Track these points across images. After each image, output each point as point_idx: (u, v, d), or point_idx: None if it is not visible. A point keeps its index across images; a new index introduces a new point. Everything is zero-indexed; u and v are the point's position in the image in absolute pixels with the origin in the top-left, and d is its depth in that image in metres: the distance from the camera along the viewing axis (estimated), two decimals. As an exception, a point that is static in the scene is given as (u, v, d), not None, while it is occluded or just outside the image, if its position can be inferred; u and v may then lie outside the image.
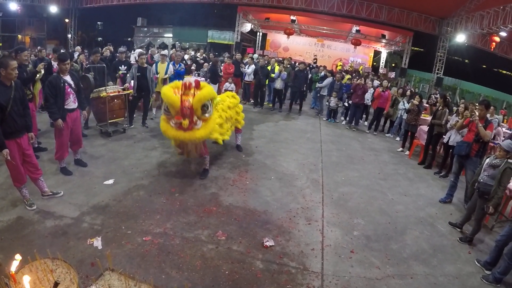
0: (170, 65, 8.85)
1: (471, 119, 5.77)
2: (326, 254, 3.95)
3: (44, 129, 7.14)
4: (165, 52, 9.88)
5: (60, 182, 5.02)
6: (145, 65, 7.71)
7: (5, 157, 3.81)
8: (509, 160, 4.35)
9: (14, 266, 1.79)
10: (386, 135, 10.33)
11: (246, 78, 11.84)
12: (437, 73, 19.72)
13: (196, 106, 4.84)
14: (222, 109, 6.00)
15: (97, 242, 3.68)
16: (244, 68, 11.74)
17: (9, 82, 3.88)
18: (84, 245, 3.63)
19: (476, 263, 4.19)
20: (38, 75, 6.17)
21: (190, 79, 5.23)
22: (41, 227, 3.92)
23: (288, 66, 12.09)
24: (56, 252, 2.96)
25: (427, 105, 11.16)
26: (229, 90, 10.00)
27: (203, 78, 10.90)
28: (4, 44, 22.93)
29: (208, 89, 5.07)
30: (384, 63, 26.43)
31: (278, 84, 11.24)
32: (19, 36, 27.73)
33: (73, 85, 5.10)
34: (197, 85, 5.05)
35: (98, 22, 36.41)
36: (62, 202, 4.48)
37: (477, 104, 7.41)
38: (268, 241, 3.99)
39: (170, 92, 4.92)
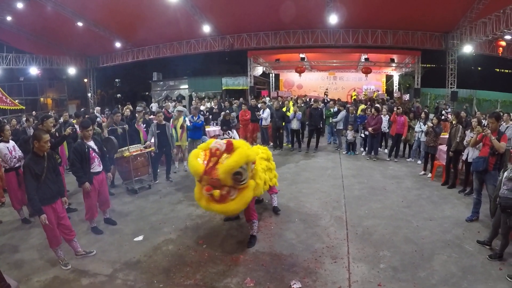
0: (186, 119, 9.25)
1: (483, 133, 5.76)
2: (353, 291, 3.95)
3: (73, 190, 7.48)
4: (182, 108, 10.27)
5: (92, 241, 5.26)
6: (163, 122, 8.09)
7: (44, 222, 4.15)
8: None
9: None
10: (407, 160, 10.25)
11: (263, 123, 12.10)
12: (451, 87, 19.62)
13: (224, 178, 4.18)
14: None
15: (131, 298, 3.83)
16: (260, 114, 12.02)
17: (42, 153, 4.29)
18: (119, 301, 3.78)
19: (508, 278, 4.09)
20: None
21: (220, 142, 4.52)
22: (77, 285, 4.14)
23: (302, 105, 12.29)
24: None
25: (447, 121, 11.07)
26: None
27: (219, 127, 11.32)
28: (27, 107, 23.98)
29: (240, 154, 4.26)
30: (397, 86, 26.42)
31: (295, 125, 11.40)
32: (41, 98, 29.23)
33: (97, 150, 5.48)
34: (229, 149, 4.33)
35: (116, 80, 38.09)
36: (95, 260, 4.70)
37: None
38: (295, 283, 4.03)
39: (194, 158, 4.45)
